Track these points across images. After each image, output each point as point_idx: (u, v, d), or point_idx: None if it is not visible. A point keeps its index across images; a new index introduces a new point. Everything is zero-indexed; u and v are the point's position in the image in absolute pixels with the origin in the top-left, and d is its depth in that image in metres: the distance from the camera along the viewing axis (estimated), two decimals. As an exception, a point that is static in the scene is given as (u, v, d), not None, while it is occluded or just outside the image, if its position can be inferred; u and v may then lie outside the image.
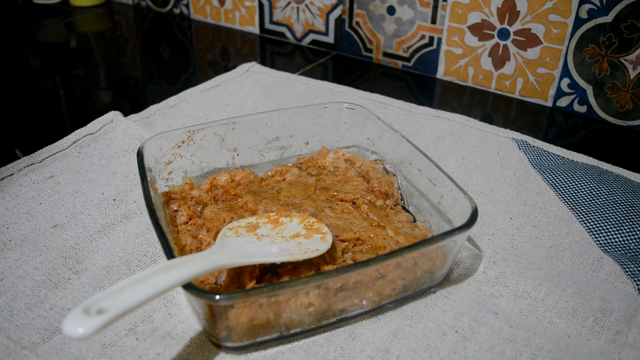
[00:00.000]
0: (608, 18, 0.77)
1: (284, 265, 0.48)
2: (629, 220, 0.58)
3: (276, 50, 1.08)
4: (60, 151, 0.69)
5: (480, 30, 0.88)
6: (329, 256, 0.49)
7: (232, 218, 0.53)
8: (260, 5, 1.10)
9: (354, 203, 0.58)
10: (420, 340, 0.45)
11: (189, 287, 0.40)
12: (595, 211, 0.60)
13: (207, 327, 0.44)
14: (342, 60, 1.03)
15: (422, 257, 0.47)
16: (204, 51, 1.09)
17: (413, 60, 0.97)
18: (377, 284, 0.46)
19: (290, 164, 0.65)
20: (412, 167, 0.58)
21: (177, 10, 1.23)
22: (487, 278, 0.52)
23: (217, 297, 0.39)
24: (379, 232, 0.52)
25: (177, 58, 1.05)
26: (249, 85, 0.90)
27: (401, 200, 0.60)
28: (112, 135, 0.73)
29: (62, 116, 0.84)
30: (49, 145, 0.69)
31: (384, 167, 0.64)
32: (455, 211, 0.51)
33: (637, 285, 0.51)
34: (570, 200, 0.63)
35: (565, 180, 0.65)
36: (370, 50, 1.01)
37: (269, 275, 0.47)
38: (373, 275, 0.45)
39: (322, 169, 0.64)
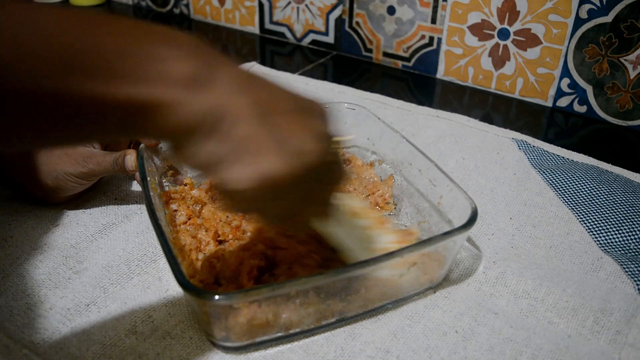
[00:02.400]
0: (608, 18, 0.77)
1: (280, 265, 0.48)
2: (629, 220, 0.58)
3: (276, 50, 1.08)
4: (60, 151, 0.69)
5: (480, 30, 0.88)
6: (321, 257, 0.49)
7: (227, 217, 0.53)
8: (260, 5, 1.10)
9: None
10: (420, 340, 0.45)
11: (188, 287, 0.40)
12: (595, 211, 0.60)
13: (206, 327, 0.44)
14: (342, 60, 1.03)
15: (421, 258, 0.47)
16: (204, 51, 1.08)
17: (413, 60, 0.97)
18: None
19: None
20: (412, 167, 0.58)
21: (177, 10, 1.23)
22: (487, 278, 0.52)
23: (217, 297, 0.39)
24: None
25: (177, 58, 1.04)
26: (249, 85, 0.89)
27: (394, 203, 0.60)
28: (112, 135, 0.73)
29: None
30: (49, 145, 0.69)
31: (381, 166, 0.64)
32: (455, 212, 0.51)
33: (637, 285, 0.51)
34: (570, 200, 0.63)
35: (565, 180, 0.65)
36: (370, 50, 1.01)
37: (267, 275, 0.47)
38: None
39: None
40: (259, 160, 0.32)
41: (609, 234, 0.57)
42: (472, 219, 0.47)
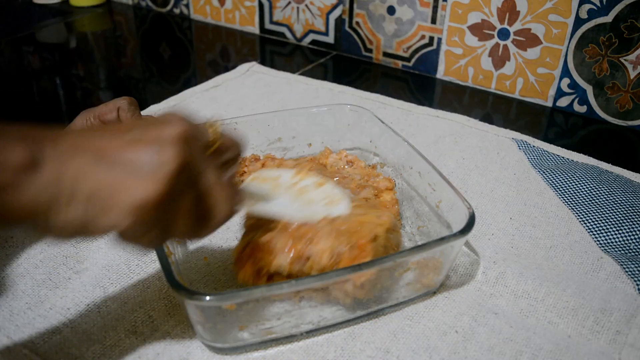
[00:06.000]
0: (608, 18, 0.77)
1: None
2: (629, 220, 0.58)
3: (276, 50, 1.08)
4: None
5: (480, 30, 0.88)
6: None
7: None
8: (260, 5, 1.10)
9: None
10: (420, 340, 0.45)
11: (178, 287, 0.39)
12: (595, 211, 0.60)
13: (197, 329, 0.43)
14: (342, 60, 1.03)
15: (417, 264, 0.46)
16: (204, 51, 1.09)
17: (413, 60, 0.97)
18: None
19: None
20: (413, 170, 0.58)
21: (177, 10, 1.23)
22: (487, 278, 0.52)
23: (207, 298, 0.39)
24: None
25: (177, 58, 1.05)
26: (249, 85, 0.90)
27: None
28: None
29: (62, 116, 0.84)
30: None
31: (383, 169, 0.64)
32: (453, 216, 0.51)
33: (637, 285, 0.51)
34: (570, 200, 0.63)
35: (565, 180, 0.65)
36: (370, 50, 1.01)
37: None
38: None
39: (323, 167, 0.64)
40: (122, 196, 0.32)
41: (609, 234, 0.57)
42: (469, 225, 0.46)
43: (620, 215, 0.59)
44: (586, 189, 0.63)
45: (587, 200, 0.62)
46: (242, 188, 0.42)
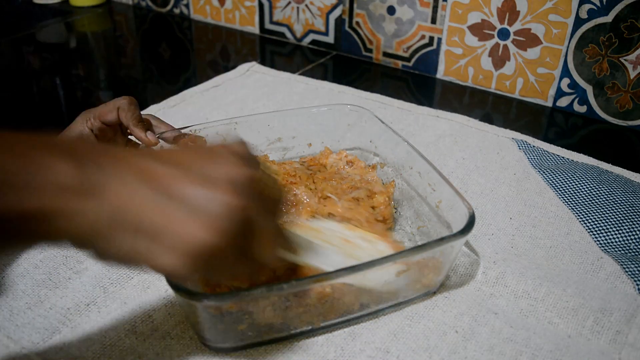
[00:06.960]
0: (608, 18, 0.77)
1: None
2: (629, 220, 0.58)
3: (276, 50, 1.08)
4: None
5: (480, 30, 0.88)
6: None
7: None
8: (260, 5, 1.10)
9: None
10: (420, 340, 0.45)
11: (179, 288, 0.39)
12: (595, 211, 0.60)
13: (198, 329, 0.43)
14: (342, 60, 1.03)
15: (417, 264, 0.46)
16: (204, 51, 1.09)
17: (413, 60, 0.97)
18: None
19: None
20: (413, 170, 0.58)
21: (177, 10, 1.23)
22: (487, 278, 0.52)
23: (207, 297, 0.39)
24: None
25: (177, 58, 1.05)
26: (249, 85, 0.90)
27: (394, 207, 0.59)
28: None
29: (62, 116, 0.84)
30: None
31: (383, 170, 0.64)
32: (453, 217, 0.50)
33: (637, 285, 0.51)
34: (570, 200, 0.63)
35: (565, 180, 0.65)
36: (370, 50, 1.01)
37: None
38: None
39: (323, 167, 0.64)
40: (180, 239, 0.31)
41: (609, 234, 0.57)
42: (469, 225, 0.46)
43: (620, 215, 0.59)
44: (586, 189, 0.63)
45: (587, 200, 0.62)
46: (287, 235, 0.41)
